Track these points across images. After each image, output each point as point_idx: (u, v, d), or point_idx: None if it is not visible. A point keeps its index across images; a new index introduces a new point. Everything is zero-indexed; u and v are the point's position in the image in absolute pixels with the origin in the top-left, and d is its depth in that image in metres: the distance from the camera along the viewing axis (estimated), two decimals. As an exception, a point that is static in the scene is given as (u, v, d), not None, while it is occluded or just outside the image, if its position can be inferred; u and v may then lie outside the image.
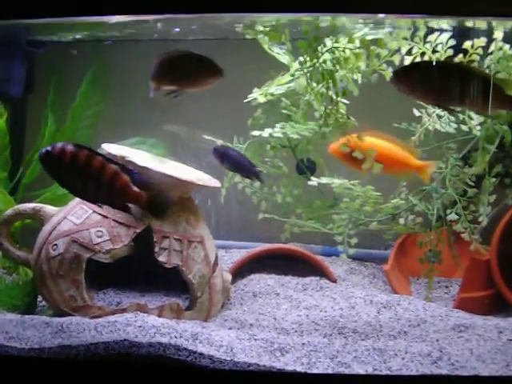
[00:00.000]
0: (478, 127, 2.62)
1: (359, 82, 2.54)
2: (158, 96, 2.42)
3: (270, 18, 2.44)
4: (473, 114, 2.61)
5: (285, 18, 2.43)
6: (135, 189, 2.09)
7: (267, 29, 2.53)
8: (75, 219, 2.32)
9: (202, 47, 3.02)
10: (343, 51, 2.49)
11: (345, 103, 2.55)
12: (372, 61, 2.48)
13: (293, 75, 2.64)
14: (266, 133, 2.68)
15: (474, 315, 2.45)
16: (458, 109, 2.48)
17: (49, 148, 2.08)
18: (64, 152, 2.05)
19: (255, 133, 2.70)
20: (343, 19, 2.38)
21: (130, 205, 2.16)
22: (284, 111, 2.78)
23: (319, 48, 2.49)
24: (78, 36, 3.01)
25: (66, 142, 2.09)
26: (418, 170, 2.62)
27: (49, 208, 2.45)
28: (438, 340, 2.14)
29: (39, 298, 2.45)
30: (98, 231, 2.29)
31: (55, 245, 2.29)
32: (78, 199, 2.40)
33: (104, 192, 2.07)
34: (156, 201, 2.15)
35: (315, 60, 2.50)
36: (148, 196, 2.11)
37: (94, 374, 1.98)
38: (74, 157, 2.05)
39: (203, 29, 2.75)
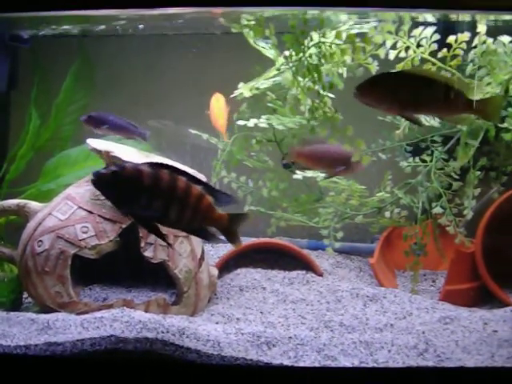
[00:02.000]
0: (463, 119, 2.63)
1: (344, 75, 2.54)
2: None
3: (255, 11, 2.44)
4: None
5: (270, 11, 2.42)
6: (217, 210, 1.90)
7: (252, 23, 2.53)
8: (60, 215, 2.31)
9: (188, 42, 3.03)
10: (330, 46, 2.49)
11: (330, 97, 2.55)
12: (357, 55, 2.48)
13: (278, 69, 2.64)
14: (252, 123, 2.67)
15: (459, 307, 2.47)
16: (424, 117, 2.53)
17: (115, 168, 1.81)
18: (139, 172, 1.80)
19: (240, 122, 2.69)
20: (329, 13, 2.38)
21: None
22: (270, 105, 2.77)
23: (305, 42, 2.49)
24: (62, 30, 2.99)
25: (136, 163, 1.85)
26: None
27: (33, 204, 2.44)
28: (423, 332, 2.15)
29: (25, 295, 2.44)
30: (84, 227, 2.28)
31: (40, 241, 2.28)
32: (62, 195, 2.39)
33: (187, 216, 1.85)
34: (236, 221, 1.95)
35: (301, 54, 2.50)
36: (229, 216, 1.93)
37: (81, 371, 1.97)
38: (153, 177, 1.80)
39: (189, 23, 2.74)
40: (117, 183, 1.80)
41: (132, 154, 2.43)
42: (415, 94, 2.14)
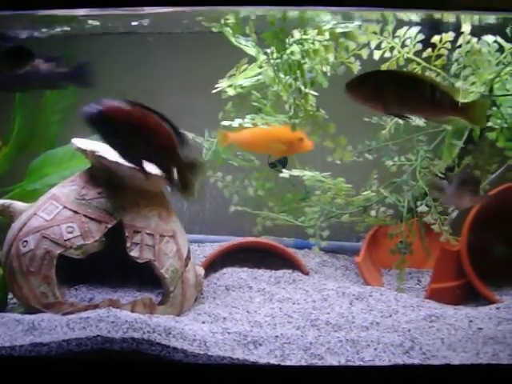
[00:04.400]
0: (447, 119, 2.64)
1: (328, 74, 2.55)
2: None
3: (233, 10, 2.45)
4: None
5: (248, 10, 2.43)
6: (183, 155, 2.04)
7: (230, 21, 2.54)
8: (45, 215, 2.30)
9: (170, 40, 3.02)
10: (312, 43, 2.49)
11: (314, 95, 2.56)
12: (340, 53, 2.49)
13: (260, 67, 2.65)
14: (236, 123, 2.68)
15: (444, 305, 2.48)
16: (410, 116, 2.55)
17: (99, 107, 2.04)
18: (118, 110, 2.01)
19: (225, 123, 2.70)
20: (310, 12, 2.39)
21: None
22: (255, 104, 2.78)
23: (287, 39, 2.50)
24: (48, 28, 2.97)
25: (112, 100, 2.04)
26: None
27: (18, 204, 2.42)
28: (409, 330, 2.16)
29: (10, 296, 2.42)
30: (69, 227, 2.27)
31: (25, 241, 2.27)
32: (47, 195, 2.38)
33: (154, 151, 2.04)
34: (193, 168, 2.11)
35: (282, 51, 2.50)
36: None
37: (67, 371, 1.96)
38: (128, 115, 2.00)
39: (170, 22, 2.74)
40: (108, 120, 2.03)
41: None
42: (402, 94, 2.16)
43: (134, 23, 2.77)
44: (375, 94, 2.17)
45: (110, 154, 2.31)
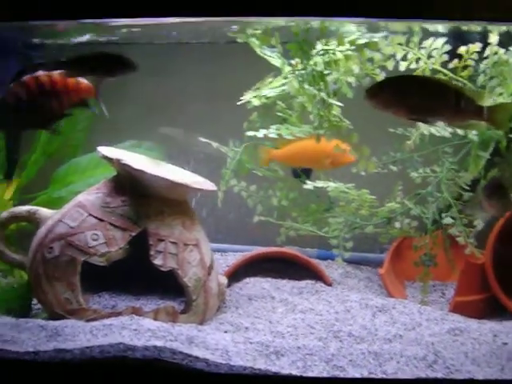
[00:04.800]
0: (474, 132, 2.62)
1: (353, 85, 2.55)
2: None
3: (262, 21, 2.46)
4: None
5: (275, 22, 2.44)
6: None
7: (258, 31, 2.55)
8: (71, 222, 2.32)
9: (196, 51, 3.04)
10: (334, 53, 2.49)
11: (339, 106, 2.56)
12: (365, 64, 2.49)
13: (286, 78, 2.65)
14: (261, 133, 2.68)
15: (468, 319, 2.45)
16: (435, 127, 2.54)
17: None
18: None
19: (250, 133, 2.70)
20: (336, 23, 2.39)
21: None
22: (279, 114, 2.78)
23: (310, 50, 2.51)
24: (74, 38, 3.01)
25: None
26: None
27: (44, 211, 2.45)
28: (433, 343, 2.14)
29: (34, 301, 2.45)
30: (94, 234, 2.28)
31: (51, 248, 2.29)
32: (72, 202, 2.40)
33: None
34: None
35: (306, 62, 2.51)
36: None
37: (89, 378, 1.97)
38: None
39: (198, 33, 2.75)
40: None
41: (142, 161, 2.44)
42: (423, 99, 2.15)
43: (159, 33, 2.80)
44: (396, 99, 2.16)
45: (134, 161, 2.33)
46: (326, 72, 2.51)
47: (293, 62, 2.58)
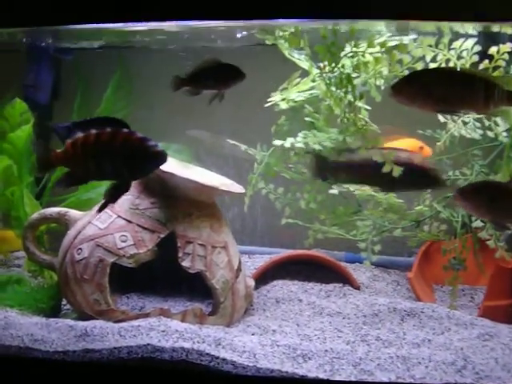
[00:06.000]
0: (505, 133, 2.59)
1: (382, 88, 2.53)
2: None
3: (290, 23, 2.45)
4: (499, 120, 2.59)
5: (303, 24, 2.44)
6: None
7: (286, 33, 2.54)
8: (100, 224, 2.34)
9: (224, 55, 3.05)
10: (363, 55, 2.48)
11: (366, 109, 2.55)
12: (394, 66, 2.48)
13: (313, 81, 2.64)
14: (288, 143, 2.68)
15: (498, 324, 2.42)
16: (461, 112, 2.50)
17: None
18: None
19: (277, 142, 2.70)
20: (365, 24, 2.38)
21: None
22: (307, 119, 2.77)
23: (338, 52, 2.50)
24: (104, 42, 3.05)
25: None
26: None
27: (74, 212, 2.47)
28: (462, 348, 2.12)
29: (64, 302, 2.47)
30: (123, 236, 2.30)
31: (80, 249, 2.31)
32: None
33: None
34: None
35: (334, 65, 2.50)
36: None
37: (117, 378, 1.99)
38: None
39: (224, 35, 2.76)
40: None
41: (171, 164, 2.45)
42: (450, 89, 2.14)
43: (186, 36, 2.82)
44: (422, 92, 2.15)
45: (164, 164, 2.34)
46: (354, 75, 2.50)
47: (320, 64, 2.57)
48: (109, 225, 2.33)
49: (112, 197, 2.07)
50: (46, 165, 2.07)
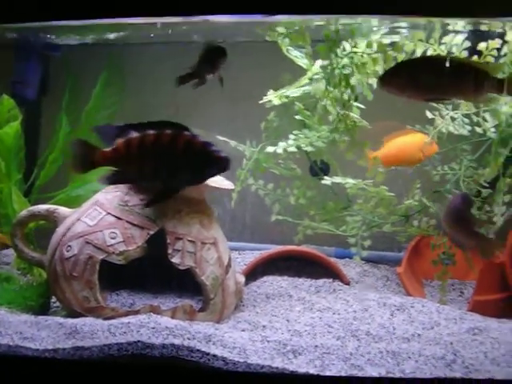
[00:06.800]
0: (493, 129, 2.60)
1: (375, 87, 2.54)
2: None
3: (292, 20, 2.45)
4: (487, 116, 2.60)
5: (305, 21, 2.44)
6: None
7: (289, 30, 2.54)
8: (89, 221, 2.33)
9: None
10: (361, 56, 2.49)
11: (359, 107, 2.55)
12: (388, 65, 2.48)
13: (311, 79, 2.64)
14: (280, 148, 2.68)
15: (488, 318, 2.43)
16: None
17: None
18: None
19: (269, 149, 2.71)
20: (359, 20, 2.38)
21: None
22: (297, 116, 2.77)
23: (338, 52, 2.50)
24: (92, 38, 3.04)
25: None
26: None
27: (63, 209, 2.46)
28: (451, 343, 2.13)
29: (53, 299, 2.46)
30: (112, 233, 2.29)
31: (69, 246, 2.30)
32: (91, 201, 2.41)
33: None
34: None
35: (334, 64, 2.50)
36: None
37: (108, 376, 1.98)
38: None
39: (218, 31, 2.75)
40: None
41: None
42: (439, 78, 2.14)
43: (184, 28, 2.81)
44: (411, 81, 2.17)
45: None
46: (350, 73, 2.51)
47: (319, 62, 2.57)
48: (98, 222, 2.32)
49: (158, 199, 2.07)
50: (88, 164, 2.06)
